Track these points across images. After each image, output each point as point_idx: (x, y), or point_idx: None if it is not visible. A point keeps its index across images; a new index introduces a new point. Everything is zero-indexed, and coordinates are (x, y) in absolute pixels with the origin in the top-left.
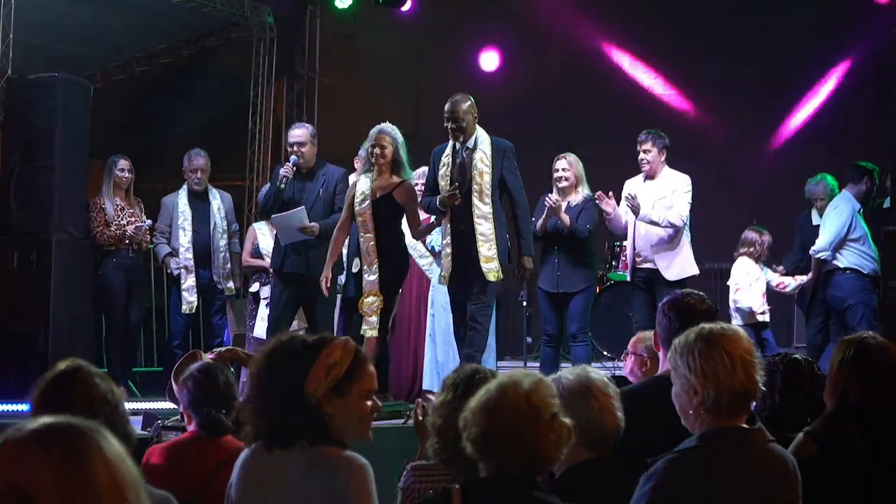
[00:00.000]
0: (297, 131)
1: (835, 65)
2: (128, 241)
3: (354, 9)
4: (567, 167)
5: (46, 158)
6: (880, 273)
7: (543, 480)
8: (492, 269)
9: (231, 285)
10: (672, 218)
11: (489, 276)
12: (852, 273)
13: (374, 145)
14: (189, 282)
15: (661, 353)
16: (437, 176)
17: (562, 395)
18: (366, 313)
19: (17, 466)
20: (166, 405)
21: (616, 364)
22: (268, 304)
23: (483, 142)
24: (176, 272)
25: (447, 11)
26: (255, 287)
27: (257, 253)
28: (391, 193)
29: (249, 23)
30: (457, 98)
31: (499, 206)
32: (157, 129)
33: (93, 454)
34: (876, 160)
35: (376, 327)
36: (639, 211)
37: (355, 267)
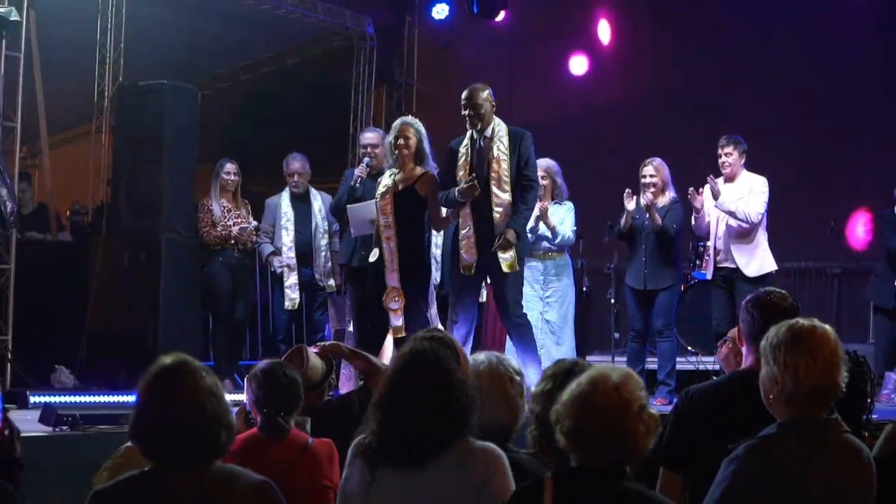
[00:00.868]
0: (370, 135)
1: None
2: (233, 241)
3: (450, 19)
4: (654, 172)
5: (155, 162)
6: None
7: (632, 470)
8: (507, 260)
9: (331, 283)
10: (749, 211)
11: (504, 266)
12: None
13: (398, 137)
14: (291, 279)
15: (744, 350)
16: (456, 168)
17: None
18: (390, 310)
19: None
20: None
21: (699, 359)
22: None
23: (500, 130)
24: (279, 270)
25: (538, 21)
26: None
27: None
28: (414, 186)
29: (350, 33)
30: (475, 86)
31: (517, 196)
32: (261, 134)
33: None
34: None
35: (402, 329)
36: (719, 195)
37: (373, 256)
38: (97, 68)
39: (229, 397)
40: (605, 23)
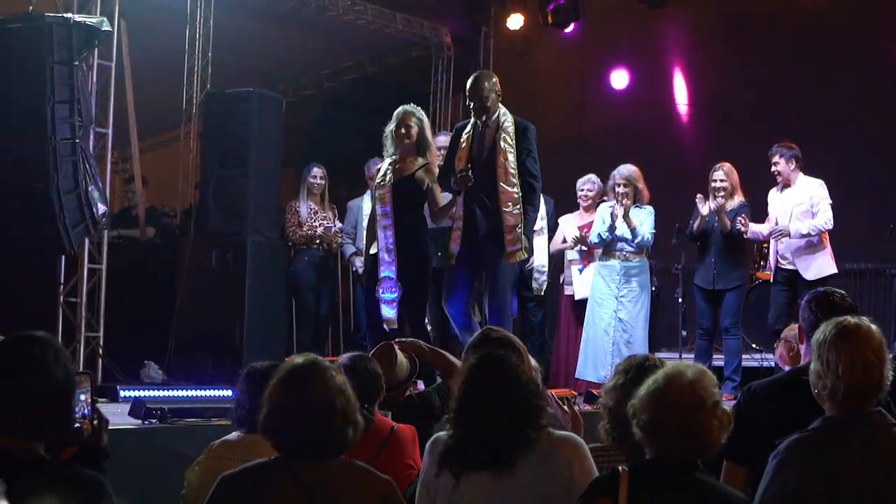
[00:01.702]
0: (443, 138)
1: None
2: (318, 241)
3: (525, 29)
4: (724, 177)
5: (242, 166)
6: None
7: (705, 463)
8: (516, 250)
9: None
10: (820, 224)
11: (515, 256)
12: None
13: (399, 125)
14: None
15: (803, 347)
16: (456, 154)
17: None
18: (383, 301)
19: None
20: None
21: (763, 356)
22: None
23: (507, 121)
24: (361, 270)
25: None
26: None
27: None
28: (413, 175)
29: (429, 42)
30: (479, 74)
31: (523, 188)
32: (343, 139)
33: None
34: None
35: (394, 321)
36: (788, 235)
37: (373, 249)
38: (185, 76)
39: None
40: (671, 31)
